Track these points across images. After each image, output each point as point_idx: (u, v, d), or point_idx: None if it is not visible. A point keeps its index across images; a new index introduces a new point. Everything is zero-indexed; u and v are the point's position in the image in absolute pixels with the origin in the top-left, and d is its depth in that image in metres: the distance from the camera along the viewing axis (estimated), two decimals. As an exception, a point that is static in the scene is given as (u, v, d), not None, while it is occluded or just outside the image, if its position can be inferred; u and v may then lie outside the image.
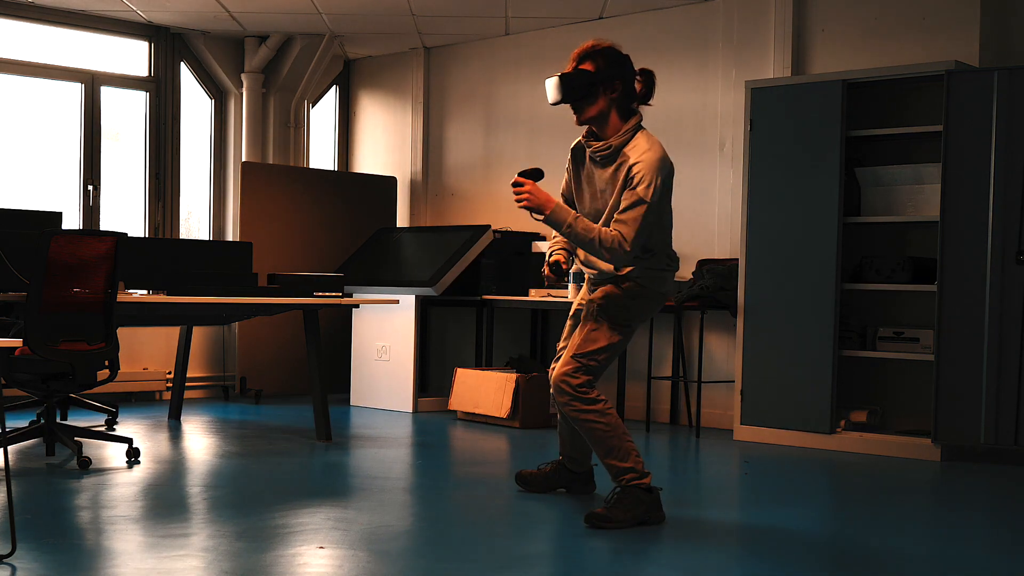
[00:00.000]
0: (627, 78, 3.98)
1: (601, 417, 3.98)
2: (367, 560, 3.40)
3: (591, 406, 3.98)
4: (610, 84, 3.94)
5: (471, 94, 8.32)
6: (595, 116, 3.97)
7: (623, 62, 3.99)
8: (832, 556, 3.69)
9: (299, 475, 5.03)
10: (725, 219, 6.86)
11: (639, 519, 3.93)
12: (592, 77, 3.91)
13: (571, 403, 3.99)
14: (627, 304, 4.04)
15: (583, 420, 3.99)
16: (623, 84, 3.96)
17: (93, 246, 4.79)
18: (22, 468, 4.90)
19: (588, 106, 3.95)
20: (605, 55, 3.95)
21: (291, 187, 8.02)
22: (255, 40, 8.25)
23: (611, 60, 3.95)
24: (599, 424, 3.97)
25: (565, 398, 4.00)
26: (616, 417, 4.02)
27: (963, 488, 5.06)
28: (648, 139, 3.94)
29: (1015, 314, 5.43)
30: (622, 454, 3.97)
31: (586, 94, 3.92)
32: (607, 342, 4.01)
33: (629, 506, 3.91)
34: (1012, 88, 5.46)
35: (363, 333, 7.52)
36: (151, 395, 7.70)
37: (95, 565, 3.30)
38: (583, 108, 3.95)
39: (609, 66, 3.94)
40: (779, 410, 6.14)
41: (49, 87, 7.60)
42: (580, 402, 3.98)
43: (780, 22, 6.63)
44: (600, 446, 4.00)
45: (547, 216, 3.85)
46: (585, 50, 3.97)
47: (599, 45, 3.97)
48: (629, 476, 3.96)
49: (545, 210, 3.85)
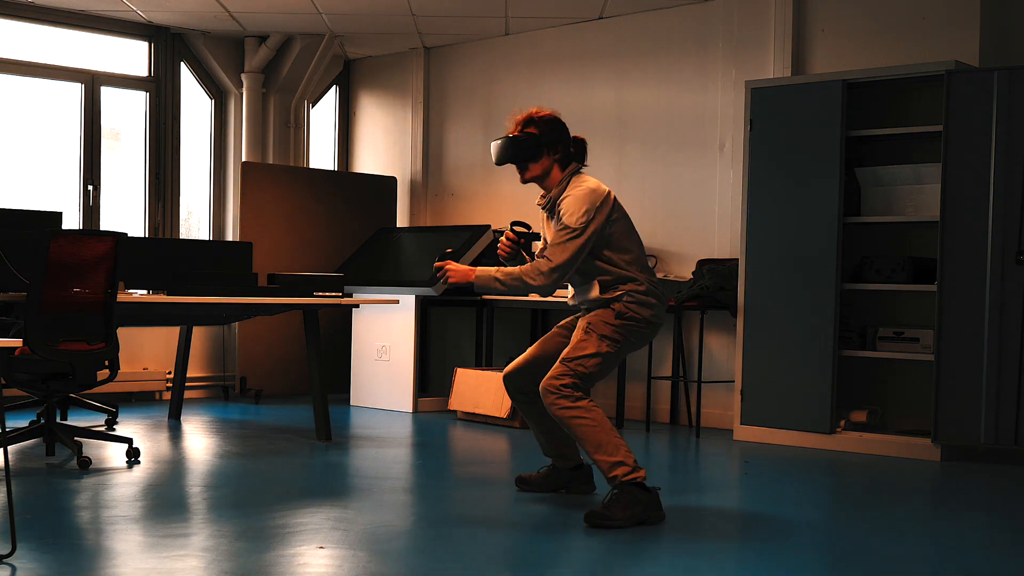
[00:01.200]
0: (566, 141, 4.29)
1: (587, 413, 4.04)
2: (367, 560, 3.40)
3: (575, 403, 4.05)
4: (553, 146, 4.25)
5: (471, 94, 8.32)
6: (539, 175, 4.27)
7: (562, 128, 4.29)
8: (832, 556, 3.69)
9: (299, 475, 5.03)
10: (725, 219, 6.86)
11: (638, 518, 3.93)
12: (538, 139, 4.24)
13: (556, 401, 4.06)
14: (616, 323, 4.15)
15: (569, 418, 4.05)
16: (563, 147, 4.28)
17: (93, 246, 4.79)
18: (22, 468, 4.90)
19: (532, 164, 4.25)
20: (548, 122, 4.27)
21: (291, 187, 8.02)
22: (255, 40, 8.25)
23: (553, 126, 4.26)
24: (585, 420, 4.03)
25: (551, 398, 4.08)
26: (602, 415, 4.07)
27: (963, 488, 5.06)
28: (579, 180, 4.23)
29: (1015, 314, 5.43)
30: (611, 448, 4.01)
31: (532, 155, 4.24)
32: (595, 350, 4.11)
33: (627, 504, 3.92)
34: (1012, 88, 5.46)
35: (363, 333, 7.52)
36: (151, 395, 7.70)
37: (95, 565, 3.30)
38: (527, 167, 4.26)
39: (552, 131, 4.25)
40: (779, 410, 6.14)
41: (49, 87, 7.60)
42: (565, 399, 4.05)
43: (780, 22, 6.63)
44: (588, 443, 4.04)
45: (475, 284, 4.20)
46: (529, 116, 4.29)
47: (540, 113, 4.28)
48: (620, 471, 3.98)
49: (470, 279, 4.20)
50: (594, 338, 4.12)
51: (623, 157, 7.37)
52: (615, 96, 7.48)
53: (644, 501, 3.96)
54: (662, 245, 7.07)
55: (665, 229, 7.08)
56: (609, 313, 4.14)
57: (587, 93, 7.57)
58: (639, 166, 7.31)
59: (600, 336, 4.12)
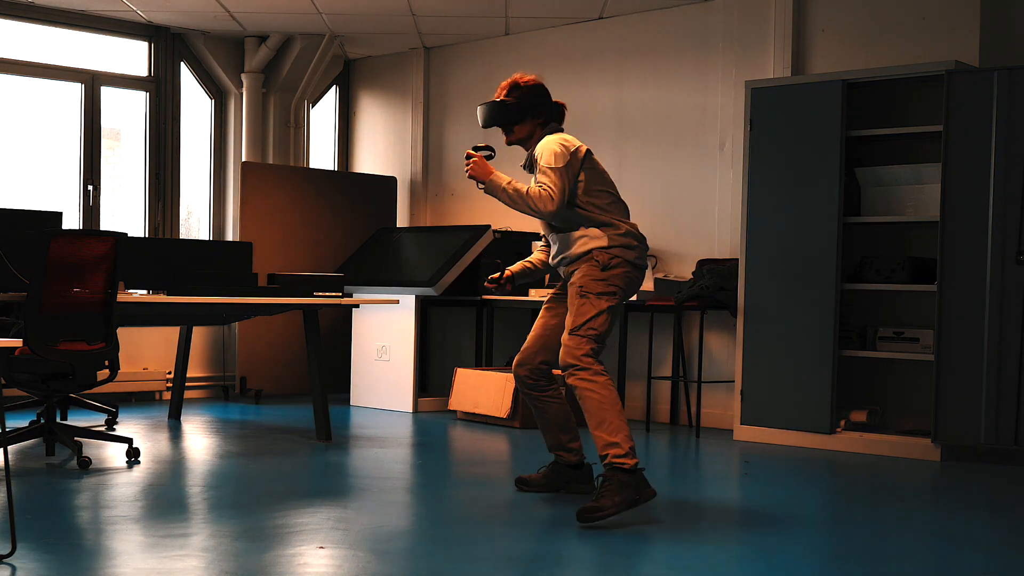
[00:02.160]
0: (549, 106, 4.47)
1: (601, 388, 4.08)
2: (367, 560, 3.41)
3: (595, 377, 4.10)
4: (536, 111, 4.42)
5: (471, 94, 8.32)
6: (524, 137, 4.43)
7: (545, 93, 4.46)
8: (832, 556, 3.69)
9: (299, 475, 5.03)
10: (725, 219, 6.86)
11: (629, 501, 3.97)
12: (521, 105, 4.41)
13: (576, 372, 4.11)
14: (603, 276, 4.19)
15: (583, 389, 4.09)
16: (546, 111, 4.46)
17: (93, 246, 4.79)
18: (22, 468, 4.90)
19: (517, 127, 4.43)
20: (531, 87, 4.43)
21: (291, 187, 8.02)
22: (255, 40, 8.25)
23: (536, 91, 4.43)
24: (597, 394, 4.07)
25: (571, 368, 4.12)
26: (615, 394, 4.10)
27: (963, 488, 5.06)
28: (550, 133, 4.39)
29: (1015, 314, 5.42)
30: (613, 429, 4.04)
31: (516, 119, 4.42)
32: (597, 309, 4.16)
33: (616, 491, 3.96)
34: (1012, 88, 5.46)
35: (363, 333, 7.52)
36: (151, 395, 7.70)
37: (95, 565, 3.30)
38: (512, 130, 4.43)
39: (535, 96, 4.43)
40: (779, 410, 6.14)
41: (49, 87, 7.60)
42: (585, 371, 4.10)
43: (780, 22, 6.63)
44: (593, 416, 4.07)
45: (486, 184, 4.28)
46: (514, 82, 4.45)
47: (524, 79, 4.46)
48: (613, 452, 4.00)
49: (485, 179, 4.29)
50: (591, 299, 4.17)
51: (623, 157, 7.36)
52: (615, 96, 7.48)
53: (631, 484, 3.99)
54: (662, 245, 7.07)
55: (665, 229, 7.08)
56: (594, 267, 4.20)
57: (587, 93, 7.57)
58: (639, 166, 7.31)
59: (596, 295, 4.17)
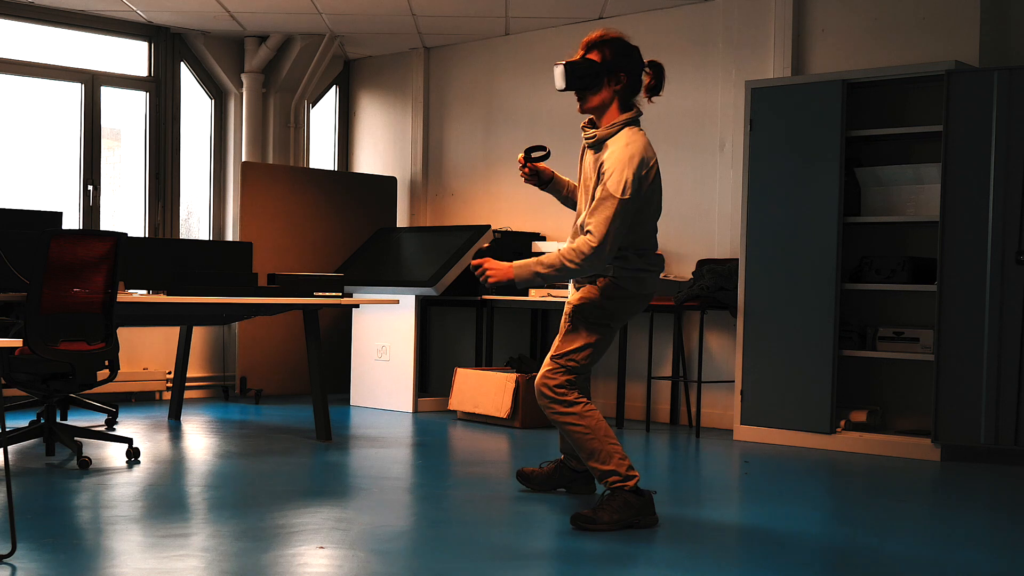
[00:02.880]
0: (633, 70, 3.96)
1: (580, 420, 3.97)
2: (367, 560, 3.41)
3: (569, 408, 3.98)
4: (615, 75, 3.93)
5: (471, 94, 8.32)
6: (597, 106, 3.97)
7: (630, 53, 3.97)
8: (832, 556, 3.69)
9: (299, 475, 5.03)
10: (725, 219, 6.86)
11: (626, 522, 3.88)
12: (598, 67, 3.91)
13: (550, 405, 4.01)
14: (603, 304, 4.02)
15: (562, 423, 4.00)
16: (628, 76, 3.95)
17: (93, 246, 4.79)
18: (22, 468, 4.90)
19: (591, 95, 3.95)
20: (613, 45, 3.94)
21: (291, 187, 8.02)
22: (255, 40, 8.25)
23: (618, 51, 3.94)
24: (579, 427, 3.97)
25: (544, 400, 4.02)
26: (597, 419, 3.98)
27: (963, 488, 5.06)
28: (632, 134, 3.91)
29: (1015, 314, 5.43)
30: (604, 457, 3.95)
31: (591, 84, 3.93)
32: (584, 342, 4.02)
33: (616, 509, 3.88)
34: (1012, 88, 5.46)
35: (363, 333, 7.52)
36: (151, 395, 7.70)
37: (95, 565, 3.30)
38: (586, 97, 3.96)
39: (616, 57, 3.93)
40: (779, 410, 6.14)
41: (49, 87, 7.60)
42: (559, 404, 3.99)
43: (780, 22, 6.63)
44: (582, 450, 3.99)
45: (515, 281, 3.87)
46: (593, 39, 3.96)
47: (607, 35, 3.97)
48: (612, 479, 3.94)
49: (510, 276, 3.85)
50: (581, 329, 4.00)
51: (623, 157, 7.35)
52: (615, 96, 7.47)
53: (635, 505, 3.91)
54: (662, 245, 7.03)
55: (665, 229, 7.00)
56: (596, 292, 3.99)
57: (587, 93, 7.56)
58: (639, 166, 7.30)
59: (588, 325, 4.00)
